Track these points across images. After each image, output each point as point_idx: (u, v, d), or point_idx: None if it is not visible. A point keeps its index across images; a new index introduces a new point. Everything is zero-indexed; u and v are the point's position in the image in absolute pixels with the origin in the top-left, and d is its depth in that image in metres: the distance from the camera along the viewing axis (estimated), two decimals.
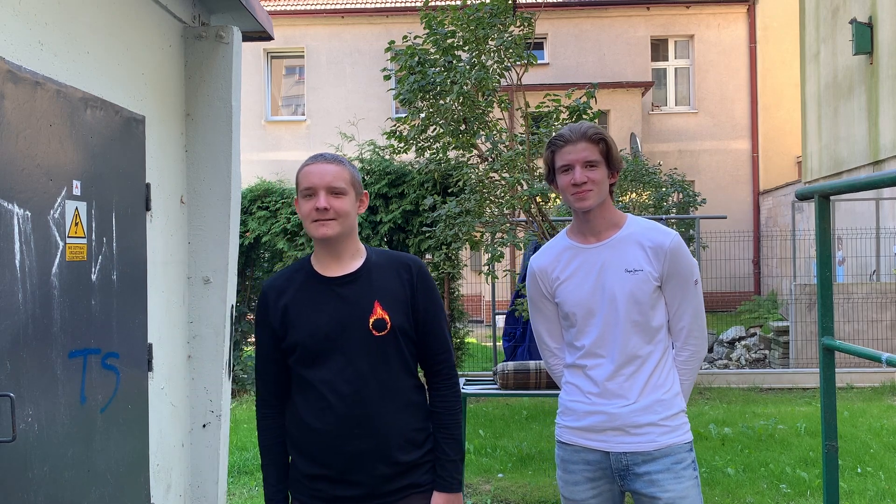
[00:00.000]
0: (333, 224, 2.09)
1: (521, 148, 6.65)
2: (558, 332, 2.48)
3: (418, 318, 2.18)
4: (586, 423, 2.31)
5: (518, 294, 7.47)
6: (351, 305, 2.12)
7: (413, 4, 17.02)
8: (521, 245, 7.59)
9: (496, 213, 6.93)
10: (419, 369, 2.25)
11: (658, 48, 18.63)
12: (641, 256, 2.28)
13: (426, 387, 2.26)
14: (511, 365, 4.50)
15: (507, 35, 6.63)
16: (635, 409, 2.25)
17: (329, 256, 2.17)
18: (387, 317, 2.13)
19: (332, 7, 18.44)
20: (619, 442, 2.26)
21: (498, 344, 8.93)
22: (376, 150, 9.00)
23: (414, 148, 7.26)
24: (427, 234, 7.84)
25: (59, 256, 2.50)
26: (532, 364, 4.52)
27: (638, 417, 2.24)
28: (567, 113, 6.56)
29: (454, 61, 6.70)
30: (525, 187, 6.42)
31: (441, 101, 6.66)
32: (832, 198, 2.82)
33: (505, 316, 8.36)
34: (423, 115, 6.82)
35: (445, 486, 2.15)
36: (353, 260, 2.18)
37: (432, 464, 2.18)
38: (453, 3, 7.14)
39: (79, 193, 2.63)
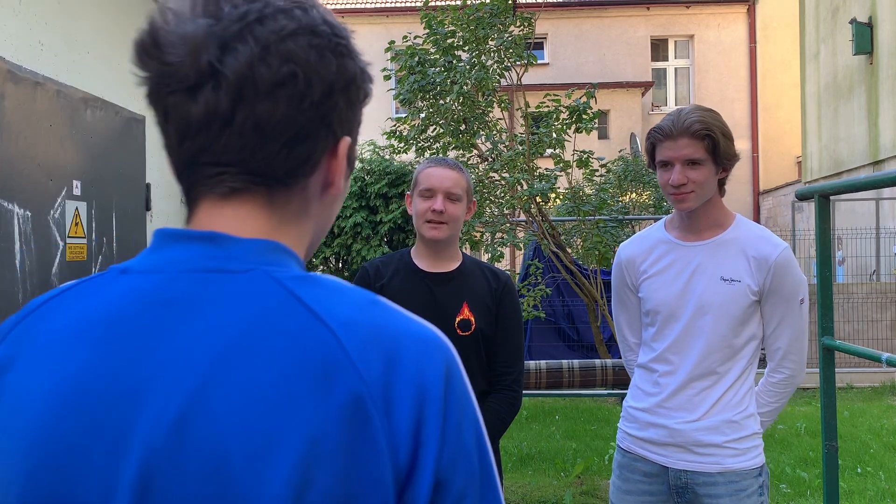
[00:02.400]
0: (444, 228, 2.20)
1: (521, 148, 6.66)
2: (639, 327, 2.30)
3: (499, 327, 2.27)
4: (647, 434, 2.15)
5: (518, 294, 7.46)
6: (441, 302, 2.23)
7: (413, 4, 17.02)
8: (521, 245, 7.58)
9: (496, 213, 6.94)
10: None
11: (658, 48, 18.63)
12: (742, 266, 2.05)
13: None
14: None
15: (507, 35, 6.64)
16: (700, 428, 2.08)
17: (430, 254, 2.28)
18: (472, 319, 2.23)
19: (332, 7, 18.44)
20: (679, 459, 2.10)
21: None
22: (376, 150, 9.00)
23: (414, 148, 7.26)
24: None
25: (59, 256, 2.50)
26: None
27: (702, 436, 2.07)
28: (567, 113, 6.56)
29: (454, 61, 6.70)
30: (525, 187, 6.42)
31: (441, 101, 6.66)
32: (832, 198, 2.82)
33: None
34: (423, 115, 6.82)
35: None
36: (451, 261, 2.30)
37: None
38: (453, 3, 7.14)
39: (79, 193, 2.63)
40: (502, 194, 6.98)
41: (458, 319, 2.22)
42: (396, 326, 0.71)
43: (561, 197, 7.45)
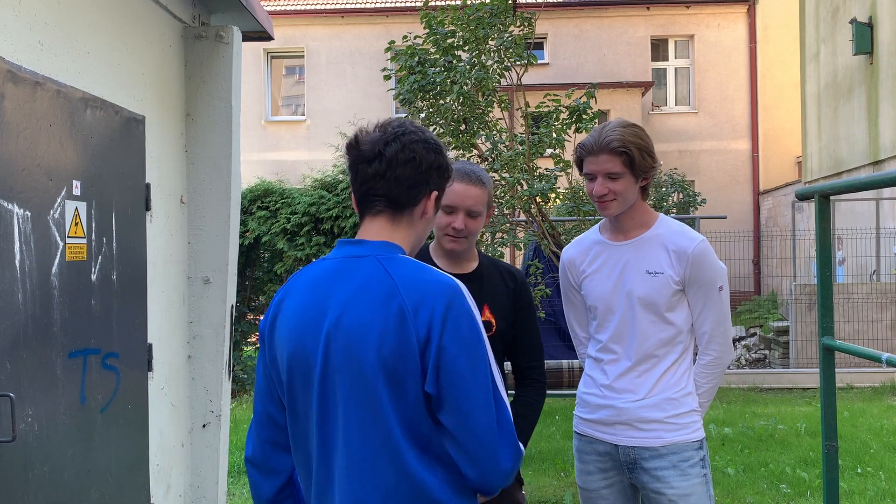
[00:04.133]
0: (463, 241, 2.30)
1: (521, 148, 6.65)
2: (586, 322, 2.54)
3: (518, 326, 2.37)
4: (597, 415, 2.37)
5: None
6: None
7: (413, 4, 17.02)
8: (521, 245, 7.58)
9: (496, 213, 6.93)
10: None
11: (658, 48, 18.63)
12: (664, 259, 2.30)
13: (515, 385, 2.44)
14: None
15: (507, 35, 6.63)
16: (643, 405, 2.30)
17: (449, 258, 2.37)
18: (493, 320, 2.31)
19: (332, 7, 18.43)
20: (627, 436, 2.32)
21: None
22: None
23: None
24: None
25: (59, 256, 2.50)
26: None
27: (645, 413, 2.29)
28: (567, 113, 6.55)
29: (454, 61, 6.69)
30: (525, 187, 6.42)
31: (441, 101, 6.66)
32: (832, 198, 2.82)
33: None
34: (423, 115, 6.81)
35: None
36: (470, 262, 2.39)
37: None
38: (453, 3, 7.13)
39: (79, 193, 2.63)
40: (502, 194, 6.97)
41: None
42: (427, 278, 1.53)
43: (561, 197, 7.45)
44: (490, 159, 6.96)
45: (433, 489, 1.48)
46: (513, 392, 2.41)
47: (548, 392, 2.50)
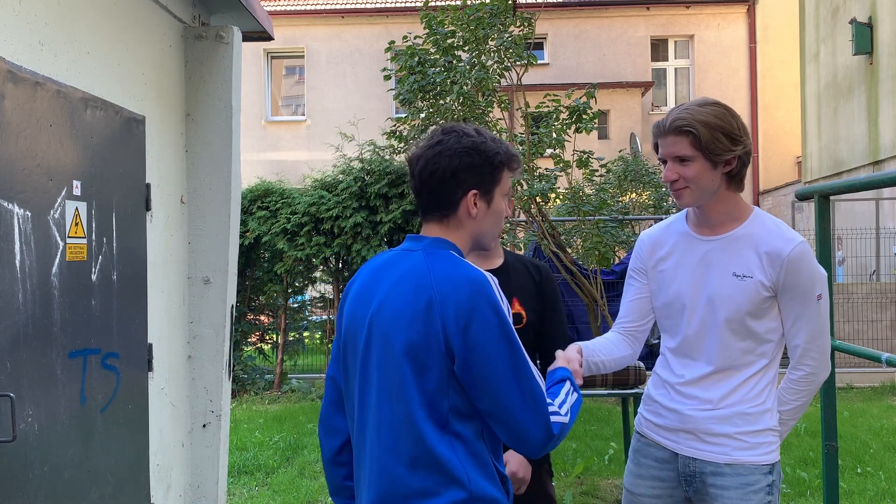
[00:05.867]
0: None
1: (521, 148, 6.65)
2: (636, 308, 2.30)
3: (546, 318, 2.42)
4: (661, 419, 2.18)
5: None
6: None
7: (413, 4, 17.02)
8: (522, 245, 7.57)
9: None
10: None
11: (658, 48, 18.63)
12: (754, 261, 2.03)
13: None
14: None
15: (507, 35, 6.63)
16: (712, 417, 2.07)
17: (475, 255, 2.39)
18: (524, 312, 2.36)
19: (332, 7, 18.43)
20: (688, 446, 2.11)
21: None
22: (376, 150, 9.00)
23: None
24: None
25: (59, 256, 2.50)
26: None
27: (713, 425, 2.07)
28: (567, 113, 6.55)
29: (454, 61, 6.69)
30: (525, 187, 6.42)
31: (441, 101, 6.66)
32: (832, 198, 2.82)
33: None
34: (423, 115, 6.81)
35: None
36: (496, 258, 2.45)
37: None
38: (453, 3, 7.13)
39: (79, 193, 2.63)
40: None
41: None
42: (458, 272, 1.65)
43: (561, 197, 7.44)
44: None
45: (450, 463, 1.61)
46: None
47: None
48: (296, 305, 9.72)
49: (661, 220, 2.36)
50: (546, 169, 6.68)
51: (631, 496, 2.24)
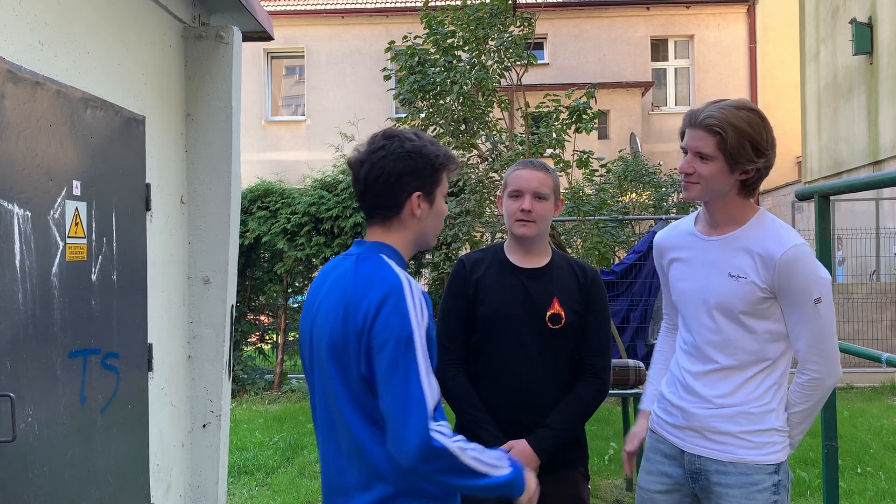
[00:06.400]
0: (533, 226, 2.36)
1: (521, 148, 6.65)
2: (670, 302, 2.40)
3: (587, 320, 2.41)
4: (670, 417, 2.22)
5: None
6: (533, 296, 2.38)
7: (413, 4, 17.01)
8: None
9: (496, 213, 6.93)
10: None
11: (658, 48, 18.62)
12: (748, 263, 2.06)
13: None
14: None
15: (507, 35, 6.63)
16: (716, 415, 2.10)
17: (521, 250, 2.44)
18: (562, 313, 2.37)
19: (332, 7, 18.43)
20: (693, 443, 2.15)
21: None
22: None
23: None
24: None
25: (59, 256, 2.50)
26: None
27: (717, 423, 2.10)
28: (567, 113, 6.55)
29: (454, 61, 6.69)
30: None
31: (441, 101, 6.66)
32: (832, 198, 2.82)
33: None
34: (423, 115, 6.81)
35: (534, 443, 2.32)
36: (541, 256, 2.45)
37: (579, 443, 2.44)
38: (453, 3, 7.13)
39: (79, 193, 2.63)
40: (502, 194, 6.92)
41: (549, 314, 2.36)
42: (375, 277, 1.72)
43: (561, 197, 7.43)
44: (490, 159, 6.96)
45: (378, 458, 1.69)
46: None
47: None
48: (296, 305, 9.71)
49: (661, 219, 2.45)
50: None
51: (641, 492, 2.28)
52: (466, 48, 6.67)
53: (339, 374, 1.71)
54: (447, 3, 7.28)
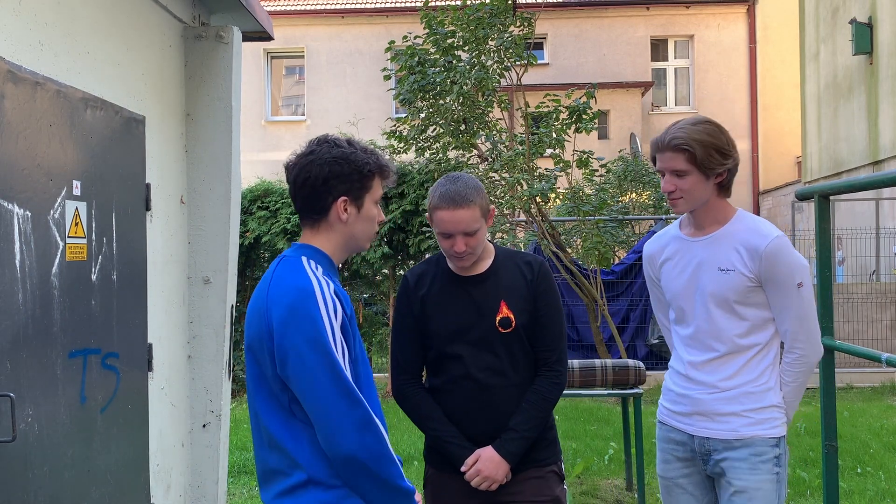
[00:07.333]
0: (469, 257, 2.33)
1: (521, 148, 6.65)
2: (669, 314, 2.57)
3: (539, 313, 2.37)
4: (677, 406, 2.41)
5: None
6: (480, 303, 2.36)
7: (413, 4, 17.00)
8: (522, 245, 7.57)
9: (496, 214, 6.93)
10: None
11: (658, 48, 18.62)
12: (735, 257, 2.28)
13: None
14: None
15: (507, 35, 6.63)
16: (720, 398, 2.31)
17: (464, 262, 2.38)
18: (512, 315, 2.34)
19: (332, 7, 18.43)
20: (702, 426, 2.34)
21: None
22: (376, 150, 8.99)
23: (414, 148, 7.25)
24: (427, 234, 7.83)
25: (59, 256, 2.50)
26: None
27: (722, 405, 2.30)
28: (567, 113, 6.55)
29: (454, 61, 6.69)
30: (525, 187, 6.42)
31: (441, 101, 6.66)
32: (832, 198, 2.82)
33: None
34: (423, 115, 6.81)
35: (500, 448, 2.30)
36: (483, 261, 2.40)
37: (549, 441, 2.41)
38: (453, 3, 7.13)
39: (79, 193, 2.63)
40: (502, 194, 6.96)
41: (498, 318, 2.34)
42: (289, 280, 1.79)
43: (561, 197, 7.45)
44: (490, 159, 6.96)
45: (290, 448, 1.78)
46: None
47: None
48: None
49: (661, 219, 2.51)
50: (546, 169, 6.69)
51: (665, 482, 2.47)
52: (466, 48, 6.67)
53: (255, 371, 1.82)
54: (447, 3, 7.29)
